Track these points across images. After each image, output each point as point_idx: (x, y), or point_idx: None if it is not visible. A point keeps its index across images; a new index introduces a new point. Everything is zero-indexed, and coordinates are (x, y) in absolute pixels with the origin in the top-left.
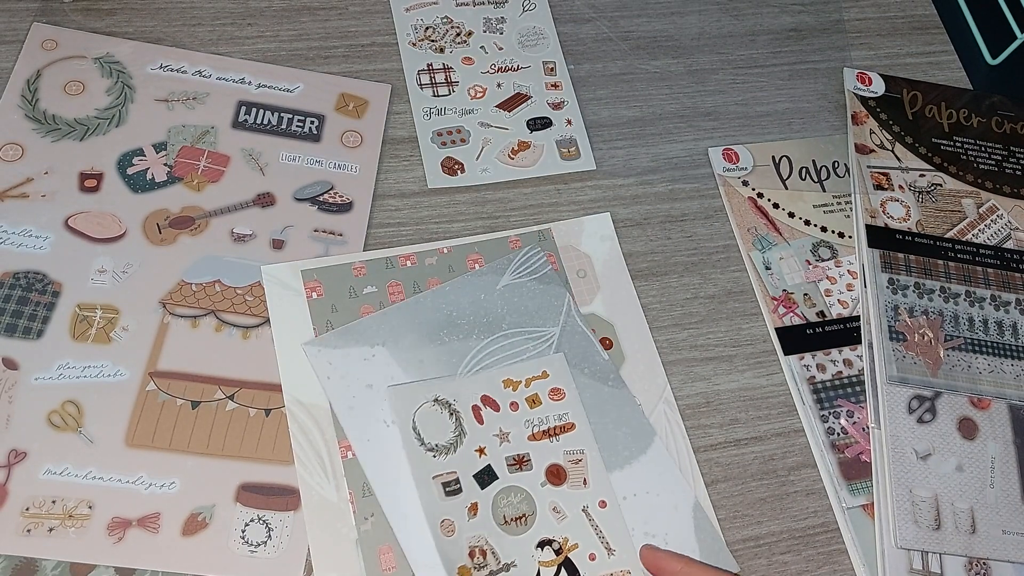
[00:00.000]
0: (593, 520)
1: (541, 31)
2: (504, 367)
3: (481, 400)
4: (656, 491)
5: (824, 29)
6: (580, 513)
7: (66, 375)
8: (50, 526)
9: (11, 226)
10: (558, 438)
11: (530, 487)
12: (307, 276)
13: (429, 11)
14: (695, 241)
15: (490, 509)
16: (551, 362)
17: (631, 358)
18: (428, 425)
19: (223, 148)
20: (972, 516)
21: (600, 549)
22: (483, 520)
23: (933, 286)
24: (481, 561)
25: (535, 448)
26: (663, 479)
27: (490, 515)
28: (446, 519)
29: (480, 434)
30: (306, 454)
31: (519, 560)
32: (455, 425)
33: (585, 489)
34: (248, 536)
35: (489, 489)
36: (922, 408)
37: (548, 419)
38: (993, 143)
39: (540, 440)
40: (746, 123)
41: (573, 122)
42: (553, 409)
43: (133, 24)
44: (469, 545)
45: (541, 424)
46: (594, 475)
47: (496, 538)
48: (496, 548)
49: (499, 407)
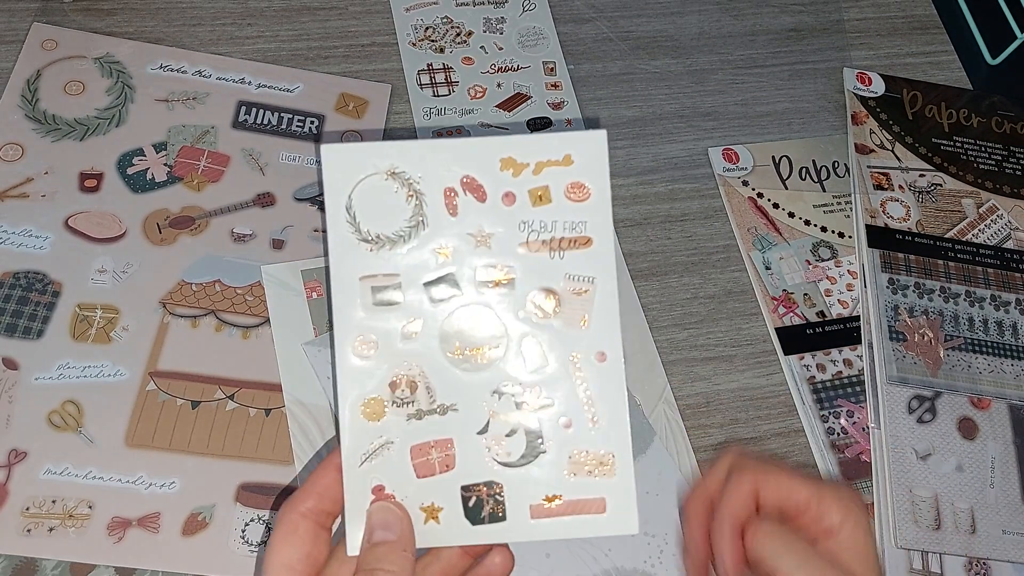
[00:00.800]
0: (581, 375)
1: (541, 31)
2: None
3: (460, 183)
4: (656, 491)
5: (824, 29)
6: (566, 361)
7: (66, 375)
8: (50, 526)
9: (11, 226)
10: (563, 254)
11: (504, 313)
12: (307, 276)
13: (429, 11)
14: (695, 241)
15: (438, 333)
16: (582, 143)
17: (631, 358)
18: (371, 206)
19: (223, 148)
20: (972, 516)
21: (581, 415)
22: (424, 345)
23: (933, 286)
24: (406, 395)
25: (525, 261)
26: (663, 479)
27: (435, 341)
28: (367, 335)
29: (448, 230)
30: (306, 454)
31: (463, 405)
32: (412, 211)
33: (582, 331)
34: (248, 536)
35: (443, 305)
36: (922, 408)
37: (556, 225)
38: (993, 143)
39: (536, 252)
40: (746, 123)
41: (573, 122)
42: (568, 213)
43: (133, 24)
44: (394, 373)
45: (544, 230)
46: (600, 315)
47: (438, 372)
48: (434, 384)
49: (486, 196)
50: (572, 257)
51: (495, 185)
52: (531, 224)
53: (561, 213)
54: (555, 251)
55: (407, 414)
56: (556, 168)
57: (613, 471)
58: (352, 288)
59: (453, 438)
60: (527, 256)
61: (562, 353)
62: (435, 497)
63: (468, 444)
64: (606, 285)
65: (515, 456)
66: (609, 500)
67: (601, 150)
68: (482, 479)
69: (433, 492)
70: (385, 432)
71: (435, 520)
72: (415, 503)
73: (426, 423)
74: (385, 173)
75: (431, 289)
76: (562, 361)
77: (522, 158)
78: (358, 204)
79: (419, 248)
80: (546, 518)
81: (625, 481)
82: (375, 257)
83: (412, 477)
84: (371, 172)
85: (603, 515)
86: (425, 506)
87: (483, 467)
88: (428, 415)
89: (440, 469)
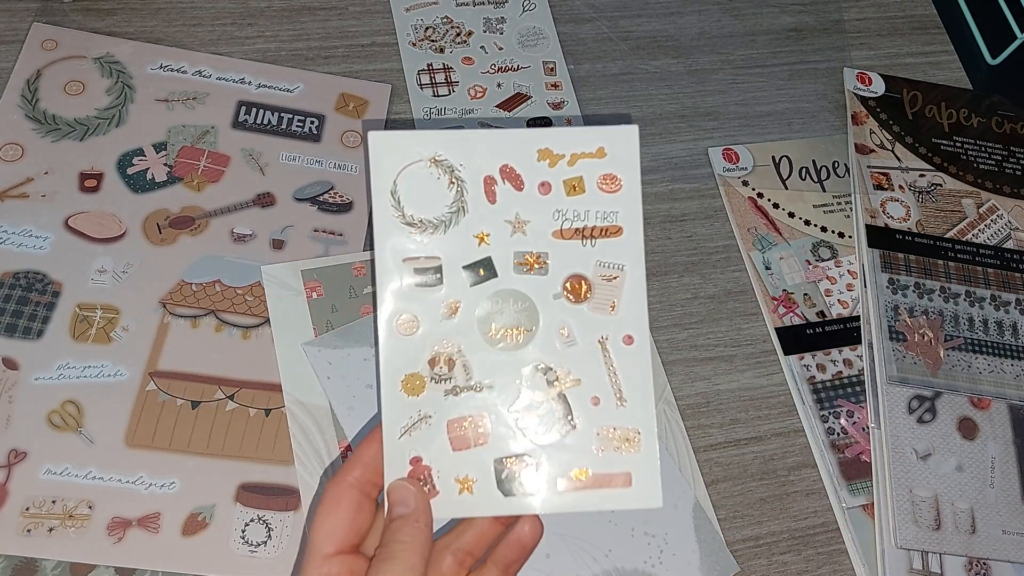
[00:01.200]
0: (609, 356)
1: (541, 31)
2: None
3: (500, 172)
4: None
5: (824, 29)
6: (596, 344)
7: (66, 375)
8: (50, 526)
9: (11, 226)
10: (595, 242)
11: (538, 296)
12: (307, 276)
13: (429, 11)
14: (695, 241)
15: (475, 313)
16: (615, 137)
17: None
18: (414, 191)
19: (223, 148)
20: (972, 516)
21: (609, 394)
22: (462, 325)
23: (933, 286)
24: (444, 372)
25: (559, 248)
26: (663, 479)
27: (474, 321)
28: (409, 314)
29: (487, 216)
30: (306, 454)
31: (498, 382)
32: (454, 198)
33: (611, 315)
34: (248, 536)
35: (481, 288)
36: (922, 408)
37: (589, 215)
38: (993, 143)
39: (569, 239)
40: (746, 123)
41: (573, 122)
42: (600, 203)
43: (133, 24)
44: (433, 350)
45: (577, 219)
46: (628, 301)
47: (474, 351)
48: (471, 362)
49: (523, 185)
50: (603, 245)
51: (532, 175)
52: (565, 213)
53: (594, 203)
54: (587, 239)
55: (444, 390)
56: (590, 160)
57: (639, 447)
58: (395, 269)
59: (487, 413)
60: (560, 243)
61: (592, 335)
62: (469, 469)
63: (501, 419)
64: (635, 272)
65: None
66: (635, 474)
67: (633, 144)
68: (514, 452)
69: (468, 464)
70: (423, 406)
71: (469, 491)
72: (450, 475)
73: (462, 399)
74: (429, 160)
75: (469, 272)
76: (591, 343)
77: (558, 149)
78: (402, 189)
79: (459, 233)
80: (574, 491)
81: (650, 456)
82: (417, 240)
83: (448, 450)
84: (415, 159)
85: (629, 489)
86: (460, 478)
87: (515, 441)
88: (464, 391)
89: (475, 443)
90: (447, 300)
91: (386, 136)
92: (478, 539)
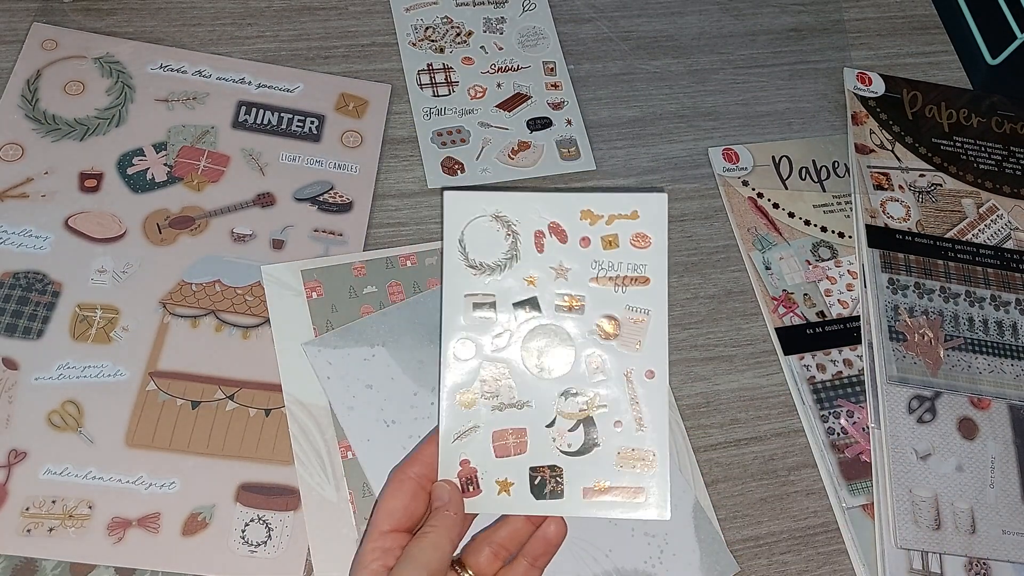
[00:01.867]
0: (633, 386)
1: (541, 31)
2: (589, 196)
3: (548, 227)
4: None
5: (824, 29)
6: (621, 376)
7: (66, 375)
8: (50, 526)
9: (11, 226)
10: (625, 289)
11: (575, 332)
12: (307, 276)
13: (429, 11)
14: (695, 241)
15: (520, 343)
16: (647, 202)
17: None
18: (478, 240)
19: (223, 148)
20: (972, 516)
21: (630, 419)
22: (510, 353)
23: (933, 286)
24: (493, 390)
25: (595, 293)
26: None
27: (519, 349)
28: (467, 338)
29: (535, 263)
30: (306, 454)
31: (537, 402)
32: (509, 247)
33: (636, 352)
34: (248, 536)
35: (527, 322)
36: (922, 408)
37: (621, 266)
38: (993, 143)
39: (604, 286)
40: (746, 123)
41: (573, 122)
42: (631, 257)
43: (133, 24)
44: (483, 375)
45: (611, 269)
46: (652, 340)
47: (519, 374)
48: (515, 383)
49: (567, 239)
50: (632, 292)
51: (575, 231)
52: (601, 263)
53: (626, 256)
54: (619, 286)
55: (492, 405)
56: (625, 220)
57: (654, 466)
58: (458, 302)
59: (527, 428)
60: (596, 288)
61: (619, 368)
62: (508, 474)
63: (538, 434)
64: (659, 317)
65: (575, 447)
66: (648, 490)
67: (662, 208)
68: (547, 463)
69: (507, 470)
70: (474, 418)
71: (507, 492)
72: (492, 477)
73: (506, 414)
74: (491, 216)
75: (518, 309)
76: (618, 374)
77: (598, 211)
78: (468, 239)
79: (512, 276)
80: (595, 499)
81: (662, 475)
82: (477, 280)
83: (492, 456)
84: (480, 214)
85: (642, 501)
86: (500, 480)
87: (548, 453)
88: (508, 408)
89: (515, 452)
90: (499, 330)
91: (458, 196)
92: (512, 535)
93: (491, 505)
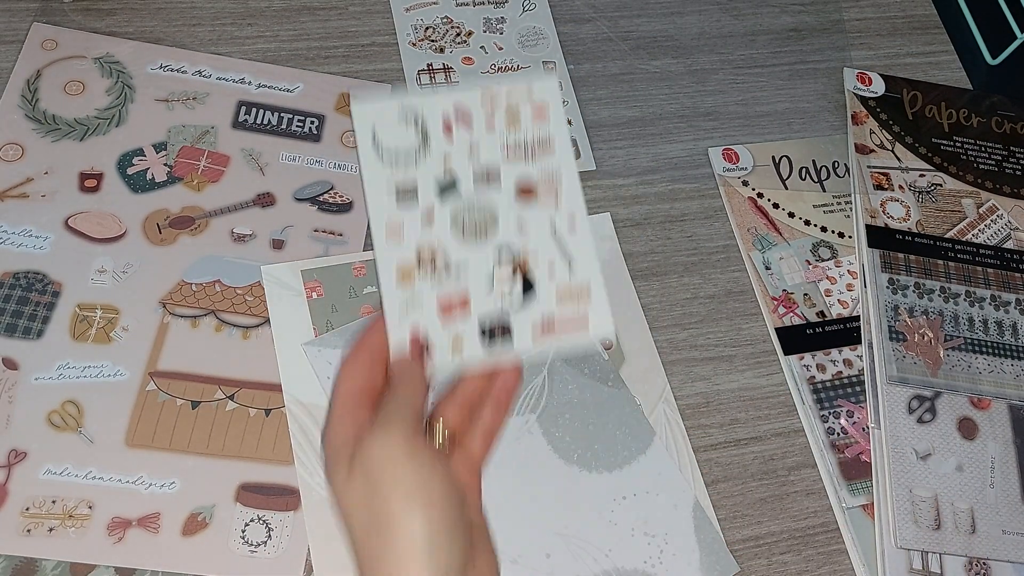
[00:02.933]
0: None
1: (541, 31)
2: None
3: (454, 115)
4: (656, 491)
5: (824, 29)
6: (546, 229)
7: (66, 375)
8: (50, 526)
9: (11, 226)
10: (535, 158)
11: (496, 201)
12: (307, 276)
13: (429, 11)
14: (695, 241)
15: (448, 218)
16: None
17: (631, 358)
18: (391, 138)
19: (223, 148)
20: (972, 516)
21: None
22: (438, 229)
23: (933, 286)
24: (428, 264)
25: (507, 167)
26: (662, 479)
27: (447, 224)
28: (394, 222)
29: (448, 148)
30: (306, 454)
31: (474, 265)
32: (421, 138)
33: (556, 207)
34: (248, 536)
35: (449, 201)
36: (922, 408)
37: (527, 139)
38: (993, 143)
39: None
40: (746, 123)
41: (573, 122)
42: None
43: (133, 24)
44: (418, 249)
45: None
46: (567, 194)
47: (451, 246)
48: (449, 253)
49: (472, 124)
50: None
51: (479, 116)
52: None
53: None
54: (528, 156)
55: (430, 275)
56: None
57: (589, 297)
58: (381, 196)
59: (468, 287)
60: (507, 163)
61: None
62: (456, 332)
63: (480, 292)
64: (569, 174)
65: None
66: (590, 317)
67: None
68: (491, 315)
69: (455, 329)
70: (415, 291)
71: (459, 350)
72: (443, 339)
73: (447, 280)
74: (398, 116)
75: (440, 192)
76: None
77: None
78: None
79: (427, 164)
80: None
81: (599, 301)
82: (396, 173)
83: (437, 321)
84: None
85: (587, 329)
86: (451, 341)
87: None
88: (446, 276)
89: (460, 312)
90: (424, 208)
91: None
92: (472, 390)
93: (448, 366)
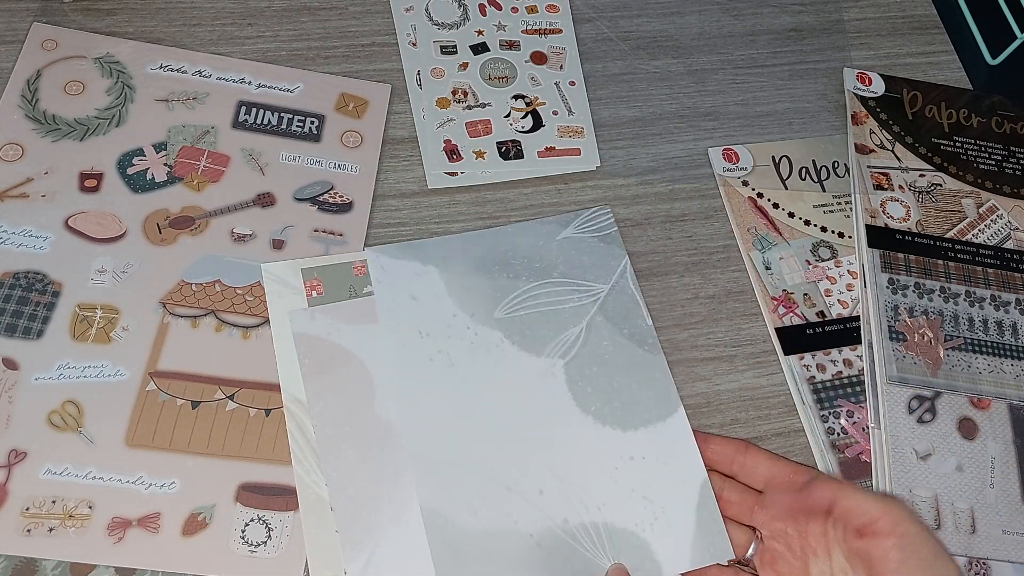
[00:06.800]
0: (561, 90)
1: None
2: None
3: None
4: (667, 459)
5: (824, 29)
6: (552, 85)
7: (66, 375)
8: (50, 526)
9: (11, 226)
10: (546, 36)
11: (515, 60)
12: (307, 274)
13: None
14: (695, 241)
15: (479, 67)
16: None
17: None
18: (440, 10)
19: (223, 148)
20: (972, 516)
21: (563, 109)
22: (471, 74)
23: (933, 286)
24: (462, 98)
25: (525, 38)
26: (677, 449)
27: (478, 71)
28: (437, 68)
29: (482, 22)
30: (303, 453)
31: (496, 103)
32: (462, 13)
33: (560, 72)
34: (248, 536)
35: (481, 56)
36: (922, 408)
37: (541, 22)
38: (993, 143)
39: (531, 34)
40: (746, 123)
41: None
42: (547, 17)
43: (133, 24)
44: (453, 86)
45: (534, 24)
46: (569, 64)
47: (480, 86)
48: (478, 92)
49: (501, 7)
50: (551, 37)
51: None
52: (528, 21)
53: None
54: (541, 34)
55: (462, 106)
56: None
57: (583, 135)
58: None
59: (490, 119)
60: (526, 36)
61: (550, 81)
62: (481, 147)
63: (500, 122)
64: (571, 50)
65: (527, 127)
66: (582, 150)
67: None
68: (509, 138)
69: (479, 145)
70: (450, 115)
71: (482, 158)
72: (469, 150)
73: (474, 111)
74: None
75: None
76: (550, 84)
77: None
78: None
79: (466, 31)
80: (546, 158)
81: (590, 140)
82: (441, 33)
83: (466, 135)
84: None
85: (579, 156)
86: (475, 151)
87: (508, 131)
88: (475, 108)
89: (483, 133)
90: (460, 61)
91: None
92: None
93: (471, 167)
